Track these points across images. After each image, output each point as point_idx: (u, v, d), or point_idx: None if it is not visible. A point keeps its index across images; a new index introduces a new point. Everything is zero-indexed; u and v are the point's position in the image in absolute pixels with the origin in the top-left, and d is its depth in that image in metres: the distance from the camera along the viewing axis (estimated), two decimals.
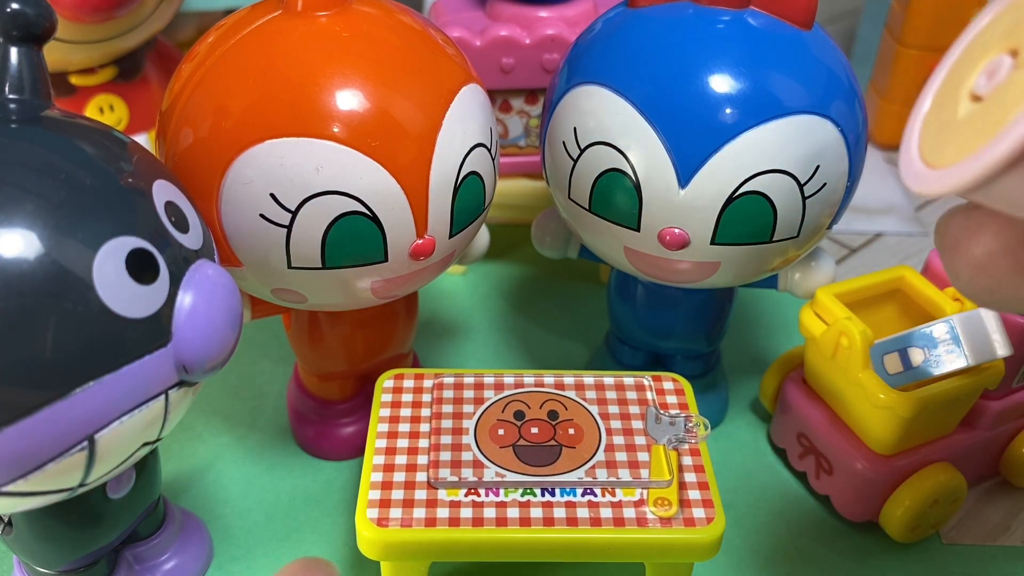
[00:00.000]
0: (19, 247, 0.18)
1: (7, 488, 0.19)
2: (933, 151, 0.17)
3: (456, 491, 0.24)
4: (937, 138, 0.17)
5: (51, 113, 0.21)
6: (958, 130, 0.16)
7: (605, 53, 0.28)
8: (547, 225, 0.34)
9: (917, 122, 0.17)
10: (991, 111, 0.16)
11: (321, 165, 0.23)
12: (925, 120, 0.17)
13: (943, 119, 0.17)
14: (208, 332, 0.20)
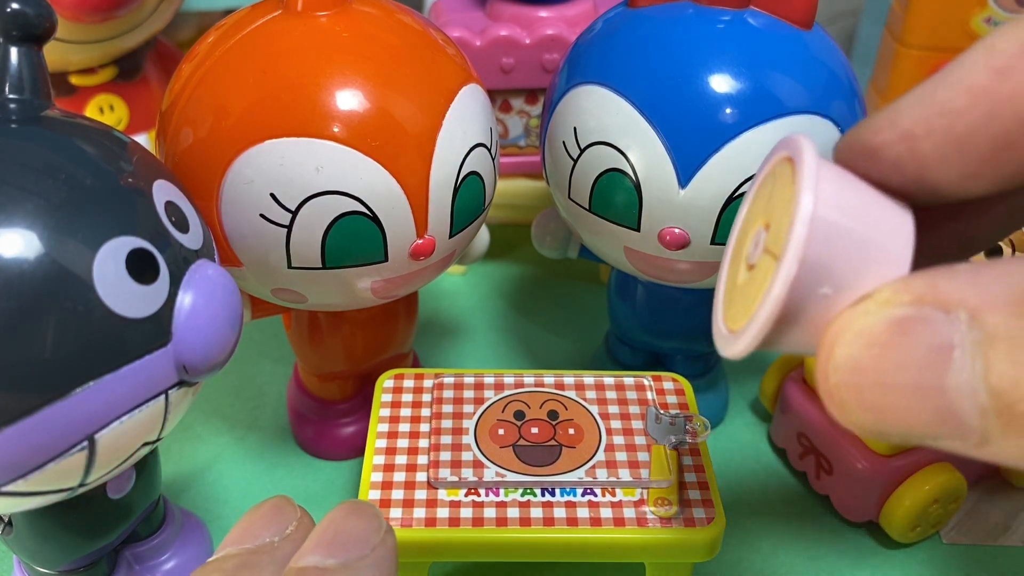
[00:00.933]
0: (19, 247, 0.18)
1: (7, 488, 0.19)
2: (728, 314, 0.18)
3: (456, 491, 0.24)
4: (730, 301, 0.18)
5: (51, 113, 0.21)
6: (740, 295, 0.17)
7: (605, 53, 0.28)
8: (547, 225, 0.34)
9: (720, 284, 0.18)
10: (755, 282, 0.17)
11: (321, 165, 0.23)
12: (725, 282, 0.18)
13: (733, 282, 0.18)
14: (208, 332, 0.20)
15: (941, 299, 0.13)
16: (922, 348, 0.13)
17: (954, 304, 0.13)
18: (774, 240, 0.16)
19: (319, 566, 0.18)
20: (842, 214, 0.16)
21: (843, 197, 0.16)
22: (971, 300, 0.13)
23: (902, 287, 0.14)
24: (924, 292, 0.14)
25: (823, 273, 0.15)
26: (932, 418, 0.14)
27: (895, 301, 0.14)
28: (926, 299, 0.14)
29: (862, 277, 0.15)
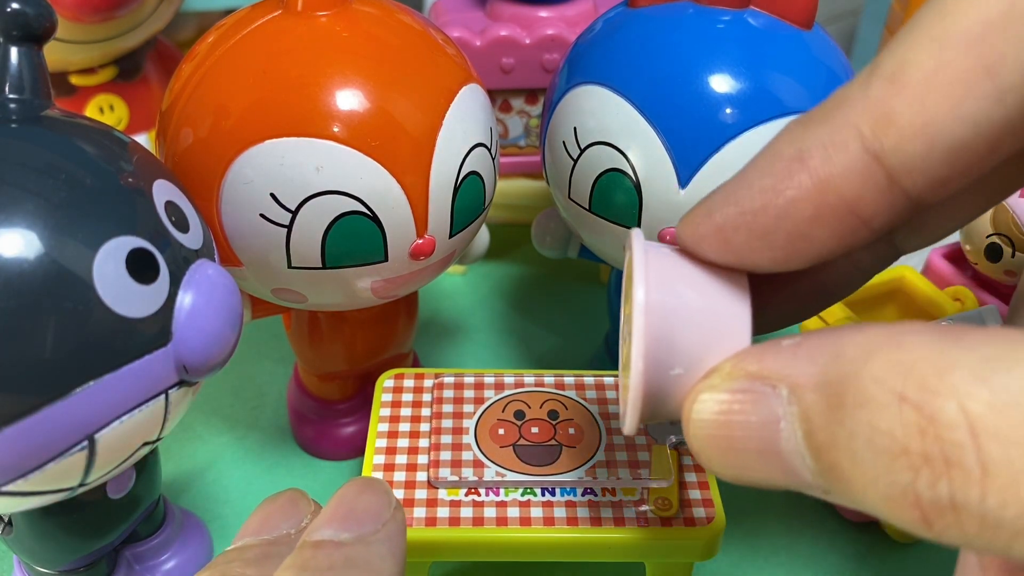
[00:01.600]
0: (19, 247, 0.18)
1: (7, 488, 0.19)
2: (621, 395, 0.19)
3: (456, 491, 0.24)
4: (622, 380, 0.19)
5: (51, 113, 0.21)
6: (624, 375, 0.19)
7: (605, 53, 0.28)
8: (547, 225, 0.34)
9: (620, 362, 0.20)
10: (626, 368, 0.18)
11: (321, 165, 0.23)
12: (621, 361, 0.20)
13: (624, 362, 0.19)
14: (208, 332, 0.20)
15: (767, 375, 0.15)
16: (757, 419, 0.15)
17: (777, 380, 0.15)
18: (628, 331, 0.18)
19: (334, 540, 0.18)
20: (679, 302, 0.18)
21: (676, 289, 0.18)
22: (789, 377, 0.15)
23: (737, 364, 0.16)
24: (755, 369, 0.16)
25: (670, 357, 0.18)
26: (779, 475, 0.15)
27: (733, 376, 0.16)
28: (756, 375, 0.16)
29: (708, 354, 0.17)
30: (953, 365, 0.13)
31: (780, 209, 0.16)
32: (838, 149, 0.15)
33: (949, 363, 0.13)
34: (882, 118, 0.14)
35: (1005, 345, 0.13)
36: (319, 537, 0.18)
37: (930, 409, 0.13)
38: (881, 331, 0.14)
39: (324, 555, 0.18)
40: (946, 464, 0.12)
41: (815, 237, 0.16)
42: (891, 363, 0.13)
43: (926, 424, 0.13)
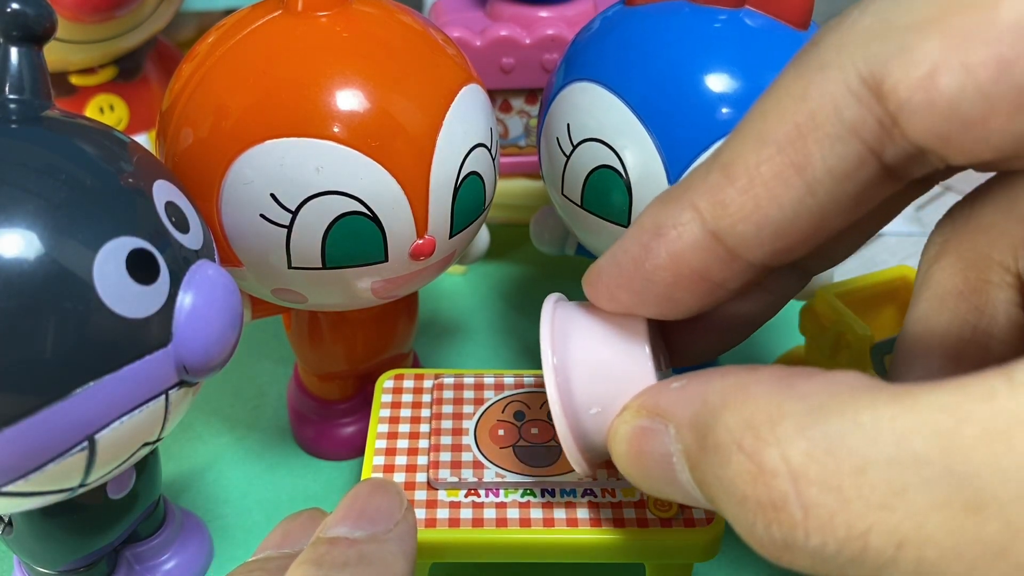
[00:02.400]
0: (19, 247, 0.18)
1: (7, 488, 0.19)
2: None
3: (456, 492, 0.24)
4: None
5: (51, 113, 0.21)
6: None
7: (600, 50, 0.28)
8: (545, 222, 0.34)
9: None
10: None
11: (321, 165, 0.23)
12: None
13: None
14: (208, 332, 0.20)
15: (660, 414, 0.17)
16: (657, 453, 0.17)
17: (667, 419, 0.17)
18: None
19: (348, 536, 0.19)
20: (583, 355, 0.20)
21: (580, 344, 0.21)
22: (675, 417, 0.17)
23: (640, 404, 0.18)
24: (652, 408, 0.18)
25: (587, 400, 0.20)
26: (683, 498, 0.17)
27: (638, 414, 0.18)
28: (654, 413, 0.18)
29: (619, 394, 0.20)
30: (783, 416, 0.14)
31: (647, 274, 0.18)
32: (685, 228, 0.17)
33: (780, 414, 0.14)
34: (718, 204, 0.16)
35: (828, 396, 0.14)
36: (334, 534, 0.19)
37: (759, 458, 0.14)
38: (735, 380, 0.16)
39: (339, 551, 0.18)
40: (774, 509, 0.14)
41: (679, 299, 0.18)
42: (737, 413, 0.15)
43: (757, 472, 0.14)
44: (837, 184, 0.15)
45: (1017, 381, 0.13)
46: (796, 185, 0.15)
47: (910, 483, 0.13)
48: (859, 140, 0.14)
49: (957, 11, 0.13)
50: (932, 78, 0.13)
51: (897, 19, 0.14)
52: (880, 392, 0.14)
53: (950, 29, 0.13)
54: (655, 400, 0.18)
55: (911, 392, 0.13)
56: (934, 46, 0.13)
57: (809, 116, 0.15)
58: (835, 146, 0.15)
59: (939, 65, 0.13)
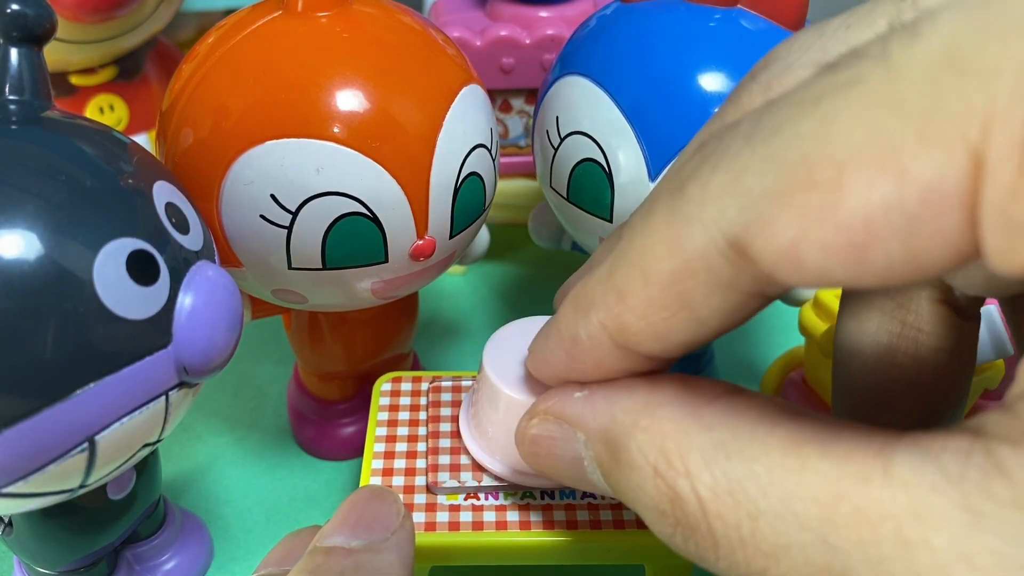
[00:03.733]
0: (19, 248, 0.18)
1: (7, 490, 0.19)
2: None
3: (455, 495, 0.24)
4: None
5: (51, 114, 0.21)
6: None
7: (592, 46, 0.28)
8: (543, 217, 0.34)
9: None
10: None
11: (321, 166, 0.23)
12: None
13: None
14: (209, 333, 0.20)
15: (570, 421, 0.18)
16: (567, 455, 0.19)
17: (576, 426, 0.18)
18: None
19: (345, 546, 0.19)
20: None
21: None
22: (583, 426, 0.18)
23: (546, 408, 0.19)
24: (559, 414, 0.19)
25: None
26: (599, 492, 0.19)
27: (545, 419, 0.19)
28: (562, 418, 0.19)
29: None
30: (690, 447, 0.15)
31: (579, 376, 0.19)
32: (596, 340, 0.17)
33: (688, 445, 0.15)
34: (619, 328, 0.17)
35: (729, 433, 0.15)
36: (330, 543, 0.19)
37: (674, 486, 0.15)
38: (642, 399, 0.17)
39: (335, 561, 0.18)
40: (691, 529, 0.15)
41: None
42: (648, 436, 0.16)
43: (674, 496, 0.15)
44: (728, 317, 0.15)
45: (892, 473, 0.13)
46: (685, 318, 0.16)
47: (793, 542, 0.14)
48: (738, 290, 0.15)
49: (804, 188, 0.13)
50: (795, 249, 0.13)
51: (751, 184, 0.13)
52: (775, 439, 0.15)
53: (801, 206, 0.13)
54: (561, 407, 0.19)
55: (801, 451, 0.14)
56: (790, 221, 0.13)
57: (684, 267, 0.15)
58: (715, 293, 0.15)
59: (798, 239, 0.13)
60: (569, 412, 0.18)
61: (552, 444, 0.19)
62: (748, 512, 0.14)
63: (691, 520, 0.15)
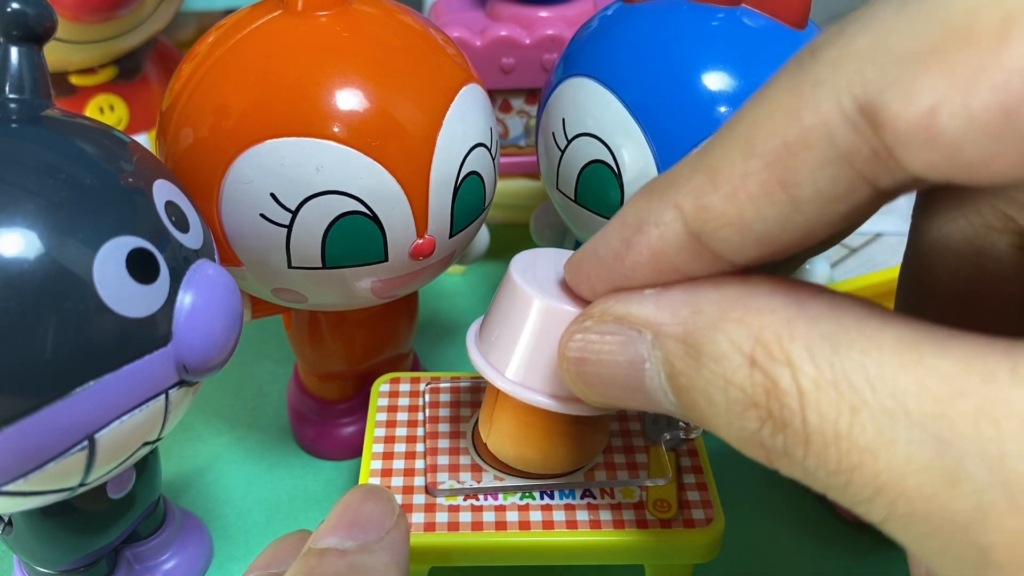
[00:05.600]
0: (19, 247, 0.18)
1: (7, 488, 0.19)
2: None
3: (454, 496, 0.24)
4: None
5: (51, 113, 0.21)
6: None
7: (597, 47, 0.28)
8: (545, 217, 0.34)
9: None
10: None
11: (321, 165, 0.23)
12: None
13: None
14: (208, 332, 0.20)
15: (634, 321, 0.17)
16: (624, 358, 0.18)
17: (643, 326, 0.17)
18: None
19: (338, 548, 0.19)
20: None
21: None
22: (653, 325, 0.17)
23: (606, 309, 0.18)
24: (621, 313, 0.18)
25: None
26: (645, 404, 0.18)
27: (603, 320, 0.18)
28: (623, 319, 0.18)
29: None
30: (793, 336, 0.15)
31: (627, 270, 0.18)
32: (667, 227, 0.17)
33: (790, 335, 0.15)
34: (701, 208, 0.16)
35: (836, 324, 0.14)
36: (323, 545, 0.19)
37: (772, 375, 0.15)
38: (734, 290, 0.16)
39: (329, 563, 0.18)
40: (783, 423, 0.15)
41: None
42: (743, 327, 0.15)
43: (770, 387, 0.15)
44: (825, 205, 0.15)
45: (1020, 373, 0.13)
46: (782, 201, 0.15)
47: (898, 437, 0.13)
48: (851, 167, 0.14)
49: (959, 45, 0.12)
50: (932, 116, 0.12)
51: (896, 43, 0.13)
52: (887, 336, 0.14)
53: (952, 65, 0.12)
54: (625, 307, 0.18)
55: (917, 348, 0.14)
56: (935, 82, 0.12)
57: (800, 136, 0.14)
58: (825, 170, 0.14)
59: (940, 103, 0.12)
60: (635, 310, 0.17)
61: (606, 349, 0.18)
62: (851, 405, 0.14)
63: (785, 413, 0.14)
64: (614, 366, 0.18)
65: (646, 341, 0.17)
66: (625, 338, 0.17)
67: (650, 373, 0.17)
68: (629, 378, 0.18)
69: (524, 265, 0.22)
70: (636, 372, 0.17)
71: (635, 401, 0.18)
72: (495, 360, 0.22)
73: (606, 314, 0.18)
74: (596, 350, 0.18)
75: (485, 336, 0.23)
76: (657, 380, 0.17)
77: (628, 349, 0.17)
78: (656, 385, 0.17)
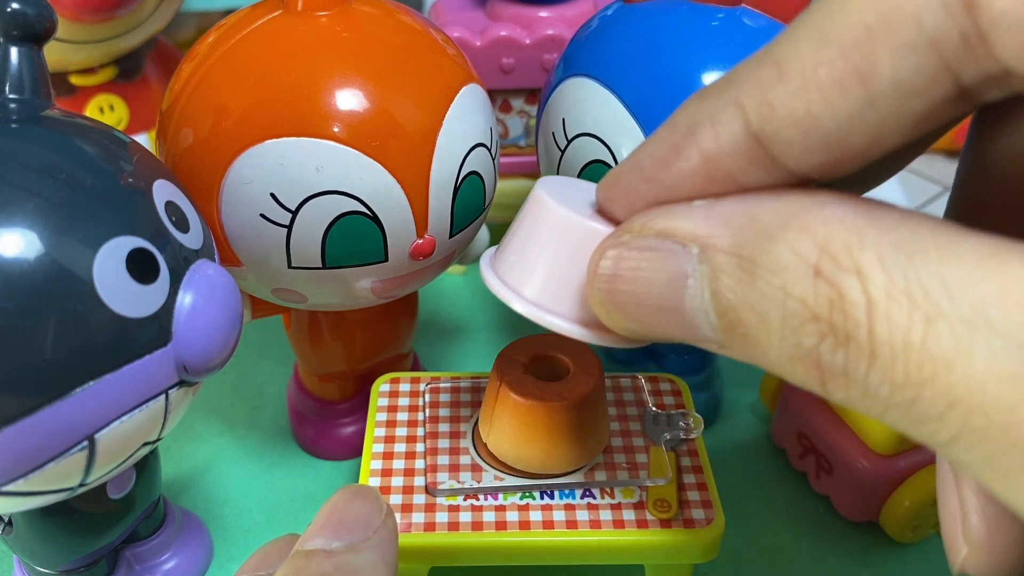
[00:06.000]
0: (19, 247, 0.18)
1: (7, 488, 0.19)
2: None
3: (454, 496, 0.24)
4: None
5: (51, 113, 0.21)
6: None
7: (597, 47, 0.28)
8: None
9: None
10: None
11: (321, 165, 0.23)
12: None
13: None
14: (208, 332, 0.20)
15: (677, 234, 0.16)
16: (664, 275, 0.16)
17: (688, 239, 0.16)
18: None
19: (325, 548, 0.19)
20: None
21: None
22: (700, 237, 0.15)
23: (649, 221, 0.17)
24: (664, 227, 0.16)
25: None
26: (679, 330, 0.16)
27: (642, 234, 0.17)
28: (666, 233, 0.16)
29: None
30: (863, 245, 0.14)
31: (673, 179, 0.16)
32: (724, 127, 0.15)
33: (860, 243, 0.14)
34: (764, 104, 0.15)
35: (909, 233, 0.13)
36: (310, 546, 0.19)
37: (839, 285, 0.13)
38: (797, 200, 0.15)
39: (316, 563, 0.18)
40: (845, 337, 0.13)
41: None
42: (807, 235, 0.14)
43: (835, 298, 0.14)
44: (902, 100, 0.14)
45: None
46: (856, 95, 0.14)
47: (977, 346, 0.12)
48: (937, 54, 0.13)
49: None
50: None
51: None
52: (965, 245, 0.13)
53: None
54: (668, 219, 0.16)
55: (999, 256, 0.13)
56: None
57: (883, 18, 0.13)
58: (908, 57, 0.13)
59: None
60: (680, 223, 0.16)
61: (644, 266, 0.16)
62: (925, 314, 0.13)
63: (849, 325, 0.13)
64: (651, 284, 0.16)
65: (691, 256, 0.16)
66: (666, 253, 0.16)
67: (692, 291, 0.16)
68: (666, 297, 0.16)
69: (551, 186, 0.20)
70: (675, 291, 0.16)
71: (669, 325, 0.16)
72: (513, 281, 0.20)
73: (646, 228, 0.17)
74: (632, 267, 0.17)
75: (503, 258, 0.21)
76: (699, 299, 0.16)
77: (669, 265, 0.16)
78: (697, 305, 0.16)
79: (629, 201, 0.18)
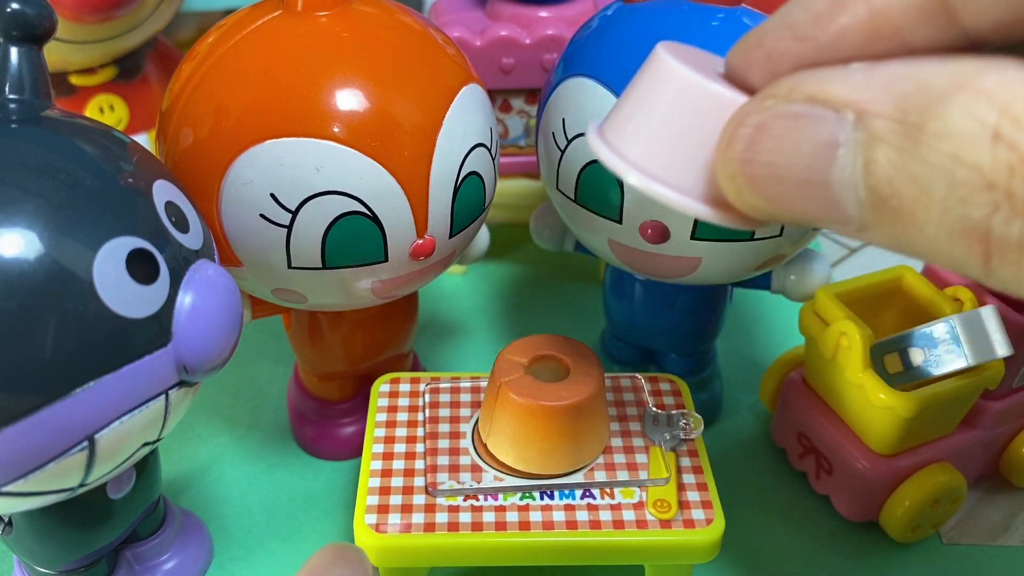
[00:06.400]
0: (19, 247, 0.18)
1: (7, 488, 0.19)
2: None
3: (454, 496, 0.24)
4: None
5: (51, 113, 0.21)
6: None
7: (597, 47, 0.28)
8: (545, 218, 0.34)
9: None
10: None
11: (321, 165, 0.23)
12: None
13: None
14: (208, 332, 0.20)
15: (831, 99, 0.14)
16: (811, 143, 0.15)
17: (843, 105, 0.14)
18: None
19: None
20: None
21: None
22: (859, 103, 0.14)
23: (797, 85, 0.15)
24: (817, 91, 0.15)
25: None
26: (817, 207, 0.15)
27: (790, 98, 0.15)
28: (817, 98, 0.15)
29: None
30: None
31: (831, 36, 0.15)
32: None
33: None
34: None
35: None
36: None
37: (1021, 149, 0.12)
38: (971, 63, 0.13)
39: None
40: (1022, 204, 0.12)
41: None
42: (985, 97, 0.13)
43: (1017, 164, 0.12)
44: None
45: None
46: None
47: None
48: None
49: None
50: None
51: None
52: None
53: None
54: (821, 83, 0.15)
55: None
56: None
57: None
58: None
59: None
60: (835, 87, 0.15)
61: (789, 134, 0.15)
62: None
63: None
64: (795, 155, 0.15)
65: (845, 122, 0.14)
66: (816, 120, 0.15)
67: (842, 162, 0.14)
68: (811, 170, 0.15)
69: (673, 50, 0.18)
70: (823, 162, 0.15)
71: (808, 202, 0.15)
72: (626, 151, 0.18)
73: (795, 91, 0.15)
74: (776, 135, 0.15)
75: (614, 125, 0.19)
76: (849, 170, 0.14)
77: (818, 133, 0.15)
78: (846, 176, 0.14)
79: (773, 64, 0.16)
